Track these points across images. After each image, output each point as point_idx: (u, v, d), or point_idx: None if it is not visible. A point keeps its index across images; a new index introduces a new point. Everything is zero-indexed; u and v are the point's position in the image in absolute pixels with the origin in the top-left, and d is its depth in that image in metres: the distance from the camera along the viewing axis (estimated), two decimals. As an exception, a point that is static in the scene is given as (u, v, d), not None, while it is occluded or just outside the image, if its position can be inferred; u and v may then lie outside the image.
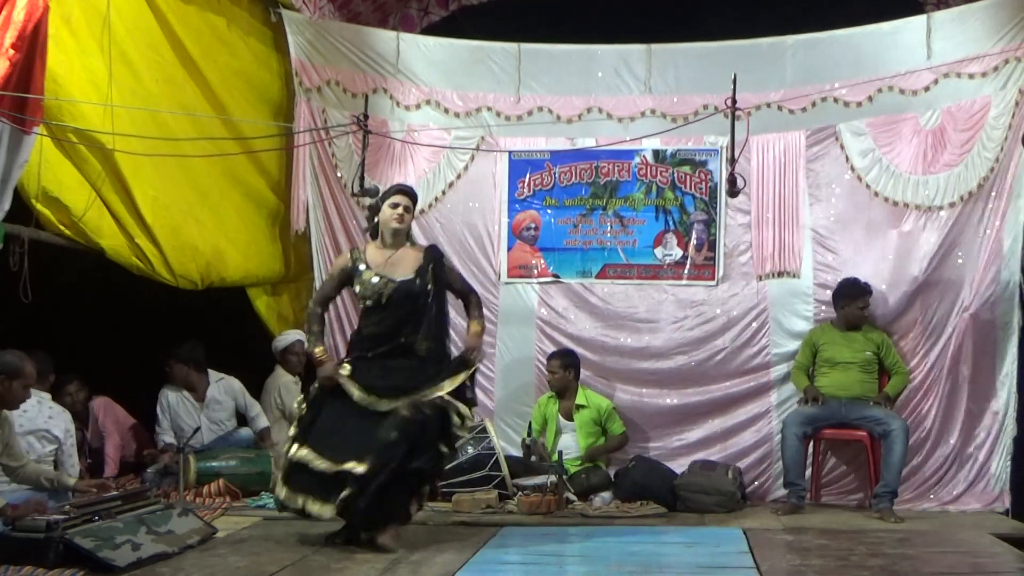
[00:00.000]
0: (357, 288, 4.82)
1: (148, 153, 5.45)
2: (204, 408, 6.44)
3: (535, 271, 6.93)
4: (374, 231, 4.98)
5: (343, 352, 6.92)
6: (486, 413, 6.70)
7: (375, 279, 4.76)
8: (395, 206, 4.87)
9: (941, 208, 6.26)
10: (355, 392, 4.68)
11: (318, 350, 4.84)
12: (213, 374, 6.54)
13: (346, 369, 4.79)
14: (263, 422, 6.52)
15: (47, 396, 5.63)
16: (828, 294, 6.36)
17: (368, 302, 4.78)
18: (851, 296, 6.17)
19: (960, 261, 6.18)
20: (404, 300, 4.76)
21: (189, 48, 6.08)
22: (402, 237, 4.91)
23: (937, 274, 6.24)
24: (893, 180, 6.40)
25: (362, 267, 4.83)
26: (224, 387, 6.54)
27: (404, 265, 4.82)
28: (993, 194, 6.08)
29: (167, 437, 6.30)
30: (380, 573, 4.25)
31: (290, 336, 6.85)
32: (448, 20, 7.79)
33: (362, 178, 6.28)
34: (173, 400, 6.42)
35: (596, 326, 6.82)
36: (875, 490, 5.76)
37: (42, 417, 5.40)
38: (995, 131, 6.08)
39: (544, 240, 6.92)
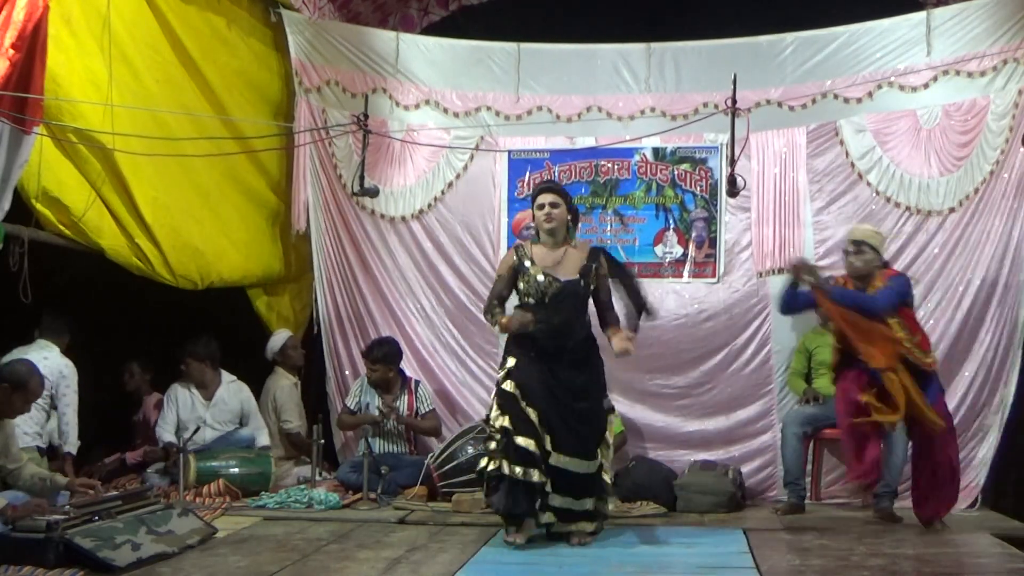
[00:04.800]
0: (521, 285, 4.86)
1: (148, 153, 5.45)
2: (211, 407, 6.44)
3: (535, 270, 6.92)
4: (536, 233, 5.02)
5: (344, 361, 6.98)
6: (487, 413, 6.71)
7: (541, 277, 4.81)
8: (540, 207, 4.88)
9: (942, 211, 6.28)
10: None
11: (503, 319, 4.84)
12: (226, 375, 6.53)
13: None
14: (264, 440, 6.49)
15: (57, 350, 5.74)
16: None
17: (530, 299, 4.84)
18: None
19: (961, 263, 6.18)
20: (568, 300, 4.82)
21: (189, 48, 6.08)
22: (560, 235, 4.92)
23: (938, 275, 6.25)
24: (895, 182, 6.41)
25: (527, 263, 4.87)
26: (234, 390, 6.54)
27: (569, 265, 4.86)
28: (995, 195, 6.09)
29: (168, 435, 6.29)
30: (380, 573, 4.25)
31: (282, 335, 6.86)
32: (448, 20, 7.79)
33: (362, 178, 6.27)
34: (181, 396, 6.42)
35: (596, 325, 6.79)
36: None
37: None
38: (995, 134, 6.08)
39: (544, 239, 6.91)
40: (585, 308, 4.93)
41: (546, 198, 4.90)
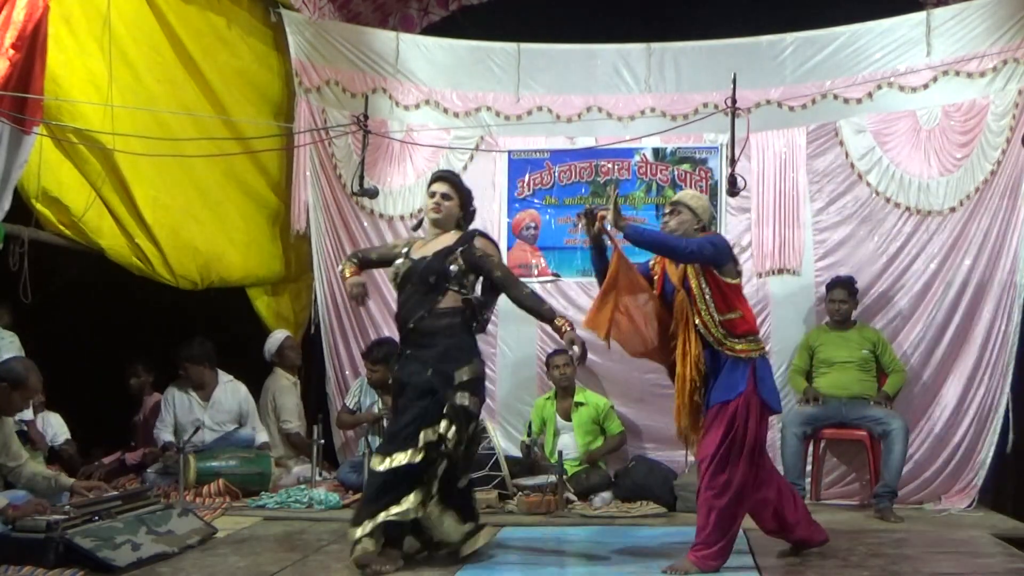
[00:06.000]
0: (391, 270, 4.62)
1: (148, 153, 5.45)
2: (209, 407, 6.44)
3: (535, 270, 6.93)
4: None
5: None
6: (487, 413, 6.70)
7: (400, 259, 4.53)
8: (431, 195, 4.56)
9: (942, 211, 6.28)
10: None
11: (348, 272, 4.69)
12: (222, 375, 6.53)
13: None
14: (263, 437, 6.50)
15: None
16: (829, 291, 6.37)
17: (393, 284, 4.62)
18: (826, 289, 6.26)
19: (961, 263, 6.18)
20: (412, 279, 4.44)
21: (189, 48, 6.09)
22: (448, 228, 4.56)
23: (938, 275, 6.25)
24: (895, 183, 6.42)
25: (404, 250, 4.59)
26: (231, 389, 6.54)
27: (432, 248, 4.50)
28: (994, 196, 6.09)
29: (167, 435, 6.29)
30: (380, 573, 4.24)
31: (279, 336, 6.86)
32: (448, 20, 7.79)
33: (361, 178, 6.27)
34: (178, 399, 6.42)
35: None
36: (875, 490, 5.76)
37: None
38: (995, 134, 6.09)
39: (544, 239, 6.92)
40: (433, 290, 4.39)
41: (439, 187, 4.55)
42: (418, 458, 4.19)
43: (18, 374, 4.87)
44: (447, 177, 4.65)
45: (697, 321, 4.43)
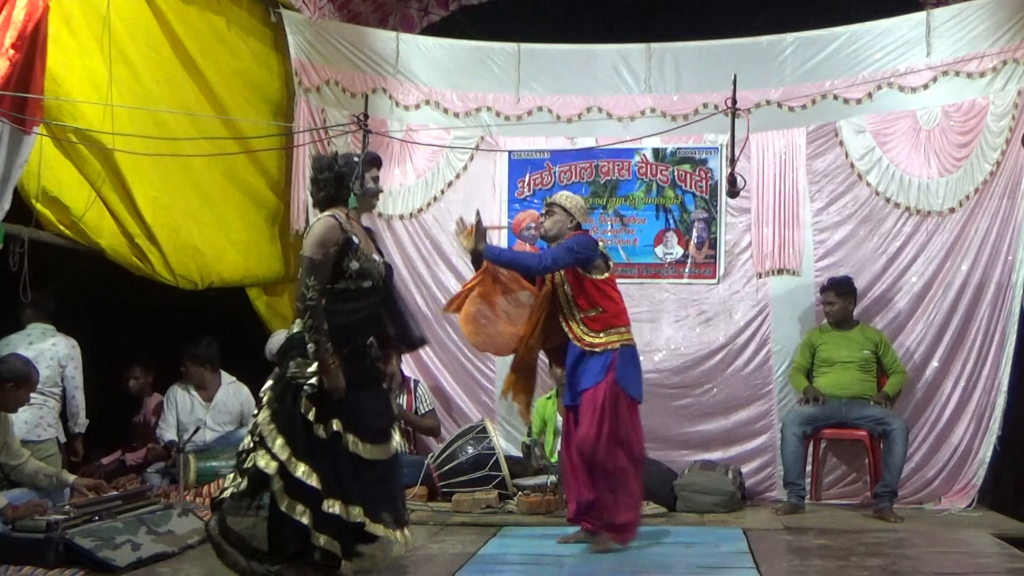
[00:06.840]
0: (354, 264, 3.87)
1: (148, 153, 5.45)
2: (211, 408, 6.44)
3: (535, 270, 6.92)
4: (327, 201, 4.11)
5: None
6: (486, 413, 6.71)
7: (376, 256, 3.97)
8: (376, 179, 4.21)
9: (942, 211, 6.28)
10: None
11: (333, 360, 3.79)
12: (225, 376, 6.52)
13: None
14: None
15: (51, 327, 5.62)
16: (828, 291, 6.37)
17: (365, 283, 3.90)
18: (820, 292, 6.27)
19: (961, 263, 6.19)
20: (386, 287, 4.04)
21: (189, 48, 6.08)
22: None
23: (938, 275, 6.26)
24: (895, 183, 6.42)
25: (356, 239, 3.95)
26: (234, 391, 6.53)
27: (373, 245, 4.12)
28: (994, 196, 6.10)
29: (169, 434, 6.30)
30: (380, 572, 4.24)
31: (280, 336, 6.83)
32: (448, 20, 7.79)
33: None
34: (180, 398, 6.42)
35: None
36: (875, 490, 5.77)
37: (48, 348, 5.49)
38: (995, 134, 6.09)
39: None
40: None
41: (378, 172, 4.26)
42: None
43: (22, 372, 4.91)
44: (381, 162, 4.35)
45: (560, 318, 4.92)
